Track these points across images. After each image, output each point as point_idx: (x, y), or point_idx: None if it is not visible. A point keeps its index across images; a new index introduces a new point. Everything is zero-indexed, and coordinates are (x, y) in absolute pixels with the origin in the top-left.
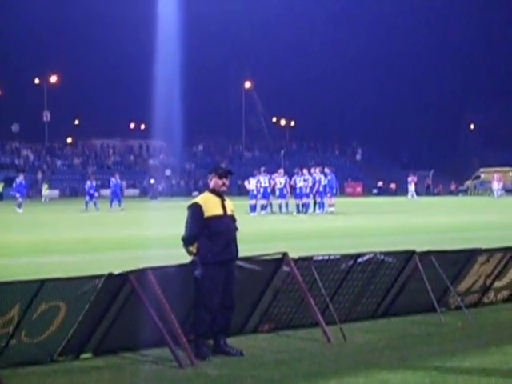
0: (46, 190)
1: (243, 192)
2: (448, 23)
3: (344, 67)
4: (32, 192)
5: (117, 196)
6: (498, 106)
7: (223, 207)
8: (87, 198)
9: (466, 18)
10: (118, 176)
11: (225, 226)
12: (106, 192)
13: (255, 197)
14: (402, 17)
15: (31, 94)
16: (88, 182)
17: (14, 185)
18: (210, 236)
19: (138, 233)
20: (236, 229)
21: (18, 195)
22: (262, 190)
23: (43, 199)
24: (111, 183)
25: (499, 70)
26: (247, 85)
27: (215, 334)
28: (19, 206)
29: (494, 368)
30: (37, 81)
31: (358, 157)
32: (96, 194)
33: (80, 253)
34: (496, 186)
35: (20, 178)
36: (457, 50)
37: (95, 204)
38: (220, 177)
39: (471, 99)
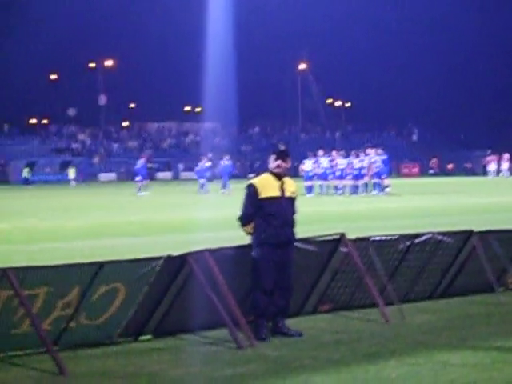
0: (72, 174)
1: (299, 174)
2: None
3: (400, 47)
4: (88, 176)
5: (225, 178)
6: None
7: (281, 189)
8: (204, 180)
9: None
10: (228, 157)
11: (280, 208)
12: (163, 175)
13: (311, 178)
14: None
15: (87, 78)
16: (201, 164)
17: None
18: (265, 217)
19: (196, 215)
20: (294, 212)
21: (138, 178)
22: (320, 172)
23: (71, 183)
24: (221, 165)
25: None
26: (302, 66)
27: (274, 316)
28: (139, 189)
29: None
30: (92, 65)
31: (415, 137)
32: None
33: (137, 236)
34: (506, 166)
35: (142, 161)
36: (499, 40)
37: (204, 186)
38: (276, 158)
39: None
